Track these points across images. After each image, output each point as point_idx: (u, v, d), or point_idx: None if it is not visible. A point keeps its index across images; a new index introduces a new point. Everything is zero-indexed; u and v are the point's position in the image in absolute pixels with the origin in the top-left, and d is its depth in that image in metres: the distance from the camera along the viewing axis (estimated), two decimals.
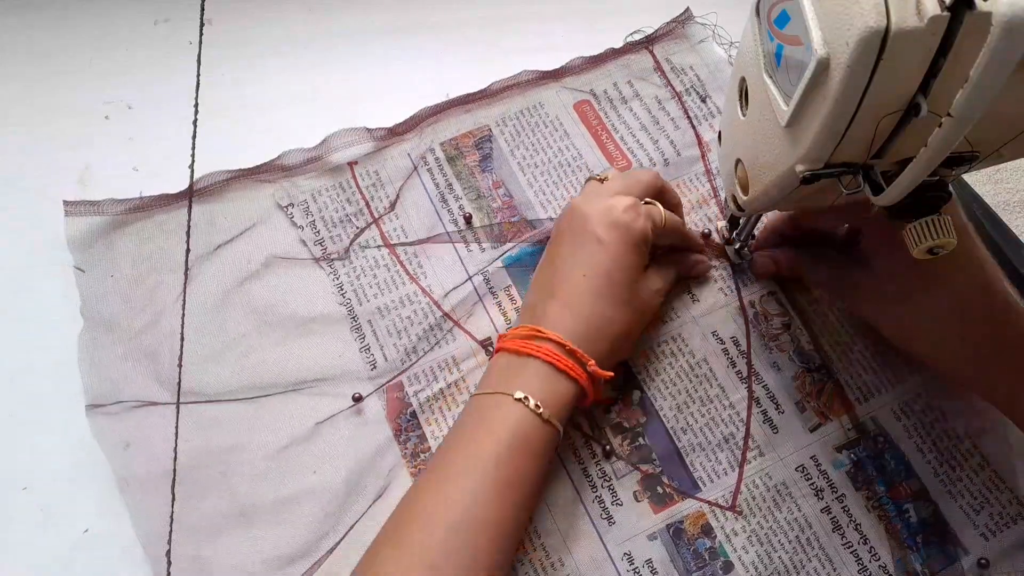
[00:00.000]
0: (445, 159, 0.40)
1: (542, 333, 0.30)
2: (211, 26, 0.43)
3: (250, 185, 0.38)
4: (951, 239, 0.24)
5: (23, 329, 0.35)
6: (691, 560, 0.32)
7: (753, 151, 0.27)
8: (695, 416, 0.34)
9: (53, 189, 0.37)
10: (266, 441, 0.33)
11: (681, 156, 0.41)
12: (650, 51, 0.44)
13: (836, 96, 0.20)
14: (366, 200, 0.39)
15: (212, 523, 0.31)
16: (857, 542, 0.32)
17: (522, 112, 0.42)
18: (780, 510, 0.33)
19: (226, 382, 0.34)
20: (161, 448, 0.32)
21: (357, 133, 0.40)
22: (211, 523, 0.31)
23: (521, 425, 0.28)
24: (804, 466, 0.34)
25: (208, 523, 0.31)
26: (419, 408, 0.34)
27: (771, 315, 0.37)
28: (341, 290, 0.37)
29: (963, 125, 0.19)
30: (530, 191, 0.39)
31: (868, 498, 0.33)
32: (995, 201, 0.39)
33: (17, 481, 0.32)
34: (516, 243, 0.38)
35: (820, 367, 0.35)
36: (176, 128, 0.39)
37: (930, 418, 0.35)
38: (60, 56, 0.42)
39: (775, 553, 0.32)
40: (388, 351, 0.35)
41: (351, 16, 0.45)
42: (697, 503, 0.33)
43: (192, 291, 0.36)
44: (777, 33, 0.23)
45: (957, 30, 0.18)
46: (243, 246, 0.37)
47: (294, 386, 0.34)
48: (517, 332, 0.31)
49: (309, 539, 0.31)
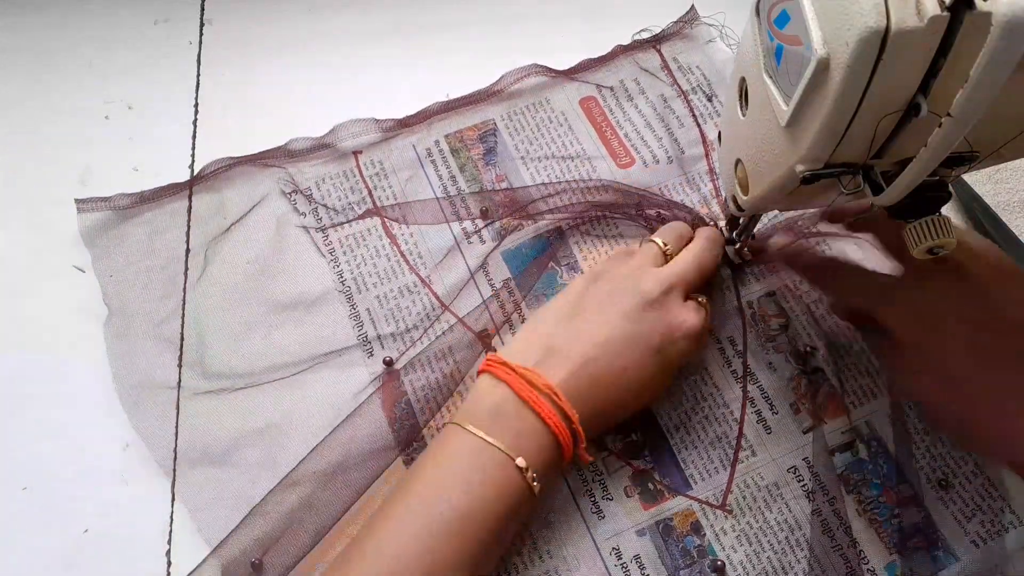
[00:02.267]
0: (449, 151, 0.40)
1: (552, 391, 0.28)
2: (211, 26, 0.43)
3: (255, 172, 0.39)
4: (951, 239, 0.24)
5: (23, 329, 0.36)
6: (679, 557, 0.32)
7: (753, 151, 0.27)
8: (688, 414, 0.34)
9: (53, 189, 0.38)
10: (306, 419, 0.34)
11: (685, 154, 0.41)
12: (657, 49, 0.44)
13: (836, 96, 0.20)
14: (369, 189, 0.39)
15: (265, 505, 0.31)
16: (847, 545, 0.32)
17: (528, 107, 0.42)
18: (770, 510, 0.33)
19: (254, 363, 0.35)
20: (199, 432, 0.33)
21: (365, 123, 0.40)
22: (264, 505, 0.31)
23: (514, 493, 0.27)
24: (796, 467, 0.33)
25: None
26: (414, 397, 0.34)
27: (769, 316, 0.37)
28: (341, 278, 0.37)
29: (963, 125, 0.19)
30: (533, 187, 0.40)
31: (859, 502, 0.33)
32: (995, 201, 0.39)
33: (17, 481, 0.33)
34: (517, 237, 0.38)
35: (816, 369, 0.35)
36: (176, 128, 0.39)
37: (923, 424, 0.34)
38: (60, 56, 0.42)
39: (764, 553, 0.32)
40: (386, 340, 0.36)
41: (351, 16, 0.44)
42: (687, 501, 0.33)
43: (210, 274, 0.36)
44: (777, 33, 0.23)
45: (957, 30, 0.18)
46: (249, 232, 0.38)
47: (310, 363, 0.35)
48: (522, 367, 0.29)
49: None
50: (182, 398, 0.34)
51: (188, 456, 0.33)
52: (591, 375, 0.29)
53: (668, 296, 0.31)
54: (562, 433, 0.28)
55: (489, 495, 0.27)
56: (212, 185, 0.38)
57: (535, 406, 0.28)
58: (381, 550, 0.26)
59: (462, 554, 0.26)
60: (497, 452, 0.27)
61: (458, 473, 0.27)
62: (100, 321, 0.35)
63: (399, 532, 0.26)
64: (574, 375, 0.29)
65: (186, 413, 0.34)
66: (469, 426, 0.28)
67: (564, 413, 0.28)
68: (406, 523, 0.26)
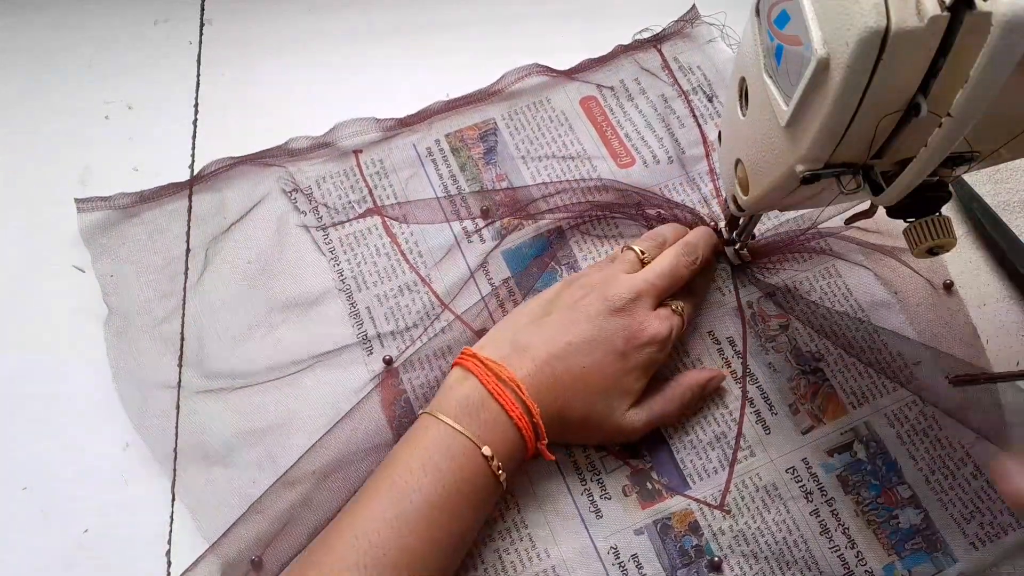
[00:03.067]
0: (450, 150, 0.40)
1: (516, 384, 0.29)
2: (211, 26, 0.43)
3: (255, 171, 0.39)
4: (951, 239, 0.24)
5: (23, 329, 0.36)
6: (677, 557, 0.32)
7: (753, 151, 0.27)
8: (687, 414, 0.34)
9: (53, 189, 0.38)
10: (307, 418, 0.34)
11: (686, 154, 0.41)
12: (658, 49, 0.44)
13: (836, 96, 0.20)
14: (369, 188, 0.39)
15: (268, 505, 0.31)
16: (845, 546, 0.32)
17: (528, 106, 0.42)
18: (768, 511, 0.33)
19: (254, 362, 0.35)
20: (199, 432, 0.33)
21: (365, 122, 0.40)
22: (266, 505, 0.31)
23: (481, 482, 0.28)
24: (795, 468, 0.33)
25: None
26: (413, 395, 0.34)
27: (768, 316, 0.37)
28: (341, 277, 0.37)
29: (963, 125, 0.19)
30: (533, 186, 0.40)
31: (858, 503, 0.33)
32: (995, 201, 0.39)
33: (17, 481, 0.33)
34: (517, 236, 0.38)
35: (815, 370, 0.35)
36: (176, 128, 0.39)
37: (923, 425, 0.34)
38: (60, 56, 0.42)
39: (761, 554, 0.32)
40: (385, 339, 0.36)
41: (351, 16, 0.44)
42: (685, 500, 0.33)
43: (211, 272, 0.36)
44: (777, 33, 0.23)
45: (957, 30, 0.18)
46: (249, 231, 0.38)
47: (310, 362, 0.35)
48: (490, 360, 0.30)
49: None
50: (182, 397, 0.34)
51: (188, 455, 0.33)
52: (554, 373, 0.30)
53: (635, 303, 0.32)
54: (525, 426, 0.29)
55: (458, 483, 0.28)
56: (212, 184, 0.38)
57: (500, 398, 0.29)
58: (358, 536, 0.27)
59: (433, 542, 0.27)
60: (465, 440, 0.28)
61: (429, 461, 0.28)
62: (100, 321, 0.35)
63: (375, 519, 0.27)
64: (538, 371, 0.30)
65: (186, 412, 0.34)
66: (440, 415, 0.29)
67: (527, 407, 0.29)
68: (381, 510, 0.27)
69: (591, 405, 0.31)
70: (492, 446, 0.28)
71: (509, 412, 0.29)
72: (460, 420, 0.29)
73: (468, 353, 0.31)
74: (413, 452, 0.29)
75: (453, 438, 0.28)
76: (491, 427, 0.29)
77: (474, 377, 0.30)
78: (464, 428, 0.28)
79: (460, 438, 0.28)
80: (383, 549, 0.26)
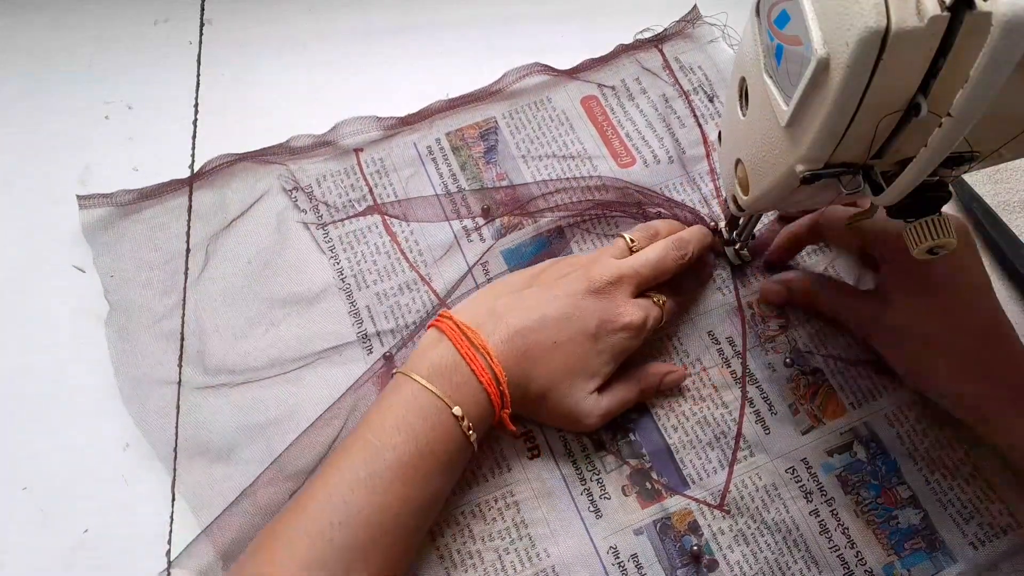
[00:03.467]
0: (450, 149, 0.40)
1: (486, 350, 0.30)
2: (211, 26, 0.43)
3: (256, 168, 0.39)
4: (951, 239, 0.24)
5: (23, 329, 0.36)
6: (676, 556, 0.32)
7: (753, 151, 0.27)
8: (687, 414, 0.34)
9: (53, 189, 0.38)
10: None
11: (686, 154, 0.41)
12: (659, 49, 0.44)
13: (836, 96, 0.20)
14: (370, 187, 0.39)
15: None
16: (844, 546, 0.32)
17: (529, 106, 0.42)
18: (768, 511, 0.33)
19: (255, 358, 0.35)
20: (200, 428, 0.33)
21: (366, 121, 0.40)
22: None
23: (452, 441, 0.29)
24: (794, 468, 0.33)
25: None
26: None
27: (768, 316, 0.37)
28: (341, 275, 0.37)
29: (963, 125, 0.19)
30: (533, 184, 0.40)
31: (857, 503, 0.33)
32: (995, 201, 0.39)
33: (17, 481, 0.33)
34: (517, 235, 0.38)
35: (815, 370, 0.35)
36: (176, 128, 0.39)
37: (923, 425, 0.34)
38: (60, 56, 0.42)
39: (761, 554, 0.32)
40: (385, 337, 0.36)
41: (351, 16, 0.44)
42: (685, 500, 0.33)
43: (212, 269, 0.37)
44: (777, 33, 0.23)
45: (957, 30, 0.18)
46: (249, 228, 0.38)
47: (308, 359, 0.35)
48: (465, 324, 0.30)
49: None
50: (183, 394, 0.34)
51: (189, 452, 0.33)
52: (525, 343, 0.30)
53: (616, 287, 0.32)
54: (493, 392, 0.30)
55: (431, 443, 0.28)
56: (213, 181, 0.38)
57: (471, 363, 0.29)
58: (331, 494, 0.27)
59: (407, 500, 0.28)
60: (436, 400, 0.29)
61: (401, 419, 0.28)
62: (100, 321, 0.35)
63: (348, 480, 0.27)
64: (509, 340, 0.30)
65: (187, 409, 0.34)
66: (414, 375, 0.29)
67: (496, 374, 0.30)
68: (354, 470, 0.28)
69: (555, 381, 0.31)
70: (463, 408, 0.29)
71: (479, 377, 0.29)
72: (433, 381, 0.29)
73: (445, 315, 0.31)
74: (387, 412, 0.29)
75: (426, 398, 0.29)
76: (462, 390, 0.29)
77: (448, 340, 0.30)
78: (436, 388, 0.29)
79: (432, 398, 0.29)
80: (356, 507, 0.27)
